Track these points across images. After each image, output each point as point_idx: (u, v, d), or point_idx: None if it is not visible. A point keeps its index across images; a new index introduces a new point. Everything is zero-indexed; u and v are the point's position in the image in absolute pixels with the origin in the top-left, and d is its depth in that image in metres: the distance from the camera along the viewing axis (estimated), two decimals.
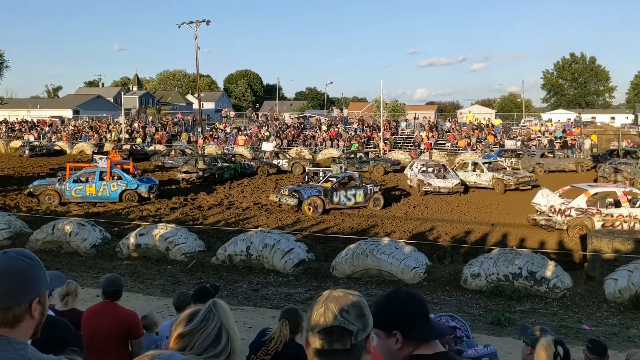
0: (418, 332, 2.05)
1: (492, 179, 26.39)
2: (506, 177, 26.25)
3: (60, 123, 57.44)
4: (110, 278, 5.02)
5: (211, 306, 1.99)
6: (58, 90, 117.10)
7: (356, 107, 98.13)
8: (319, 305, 1.83)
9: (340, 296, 1.86)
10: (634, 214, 16.61)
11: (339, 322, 1.79)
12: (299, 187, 21.51)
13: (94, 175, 22.73)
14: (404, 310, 2.06)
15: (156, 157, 38.86)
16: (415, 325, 2.04)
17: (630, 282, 10.34)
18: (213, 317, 1.94)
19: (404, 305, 2.08)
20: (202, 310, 1.97)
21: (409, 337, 2.03)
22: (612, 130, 53.18)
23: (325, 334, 1.79)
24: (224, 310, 1.99)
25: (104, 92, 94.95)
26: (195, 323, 1.93)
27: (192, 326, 1.92)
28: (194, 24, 50.31)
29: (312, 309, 1.85)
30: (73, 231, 14.39)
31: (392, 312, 2.06)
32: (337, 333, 1.79)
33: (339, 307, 1.81)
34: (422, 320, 2.08)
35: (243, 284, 11.70)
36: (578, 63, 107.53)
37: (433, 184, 24.87)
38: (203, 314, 1.95)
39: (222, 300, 2.13)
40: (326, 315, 1.80)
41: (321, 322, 1.79)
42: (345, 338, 1.79)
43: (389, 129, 48.29)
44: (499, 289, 10.83)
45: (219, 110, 76.25)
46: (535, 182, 26.70)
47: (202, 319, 1.94)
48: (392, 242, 12.52)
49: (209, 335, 1.89)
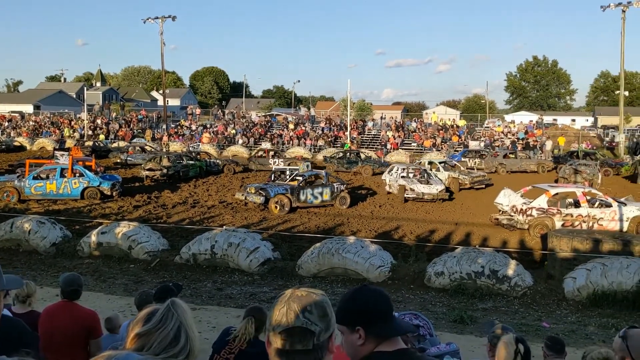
0: (380, 329, 2.04)
1: (448, 178, 26.83)
2: (461, 177, 26.89)
3: (20, 118, 56.03)
4: (69, 277, 4.90)
5: (169, 305, 1.92)
6: (18, 85, 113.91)
7: (324, 106, 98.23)
8: (281, 304, 1.80)
9: (303, 296, 1.82)
10: (593, 214, 17.04)
11: (301, 323, 1.75)
12: (265, 185, 21.43)
13: (55, 172, 22.22)
14: (368, 307, 2.05)
15: (115, 154, 38.14)
16: (378, 322, 2.04)
17: (589, 281, 10.61)
18: (171, 316, 1.87)
19: (368, 302, 2.07)
20: (161, 310, 1.91)
21: (371, 333, 2.03)
22: (572, 132, 54.48)
23: (287, 334, 1.75)
24: (183, 310, 1.92)
25: (66, 87, 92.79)
26: (153, 323, 1.86)
27: (149, 326, 1.85)
28: (160, 19, 49.68)
29: (273, 308, 1.81)
30: (32, 229, 14.04)
31: (357, 309, 2.05)
32: (300, 334, 1.76)
33: (302, 307, 1.78)
34: (385, 318, 2.07)
35: (207, 283, 11.59)
36: (540, 66, 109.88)
37: (416, 189, 23.12)
38: (161, 314, 1.88)
39: (184, 299, 2.08)
40: (288, 315, 1.76)
41: (283, 322, 1.76)
42: (308, 339, 1.77)
43: (356, 129, 48.53)
44: (461, 288, 10.99)
45: (185, 108, 75.41)
46: (489, 181, 27.46)
47: (160, 318, 1.87)
48: (357, 241, 12.56)
49: (167, 335, 1.83)
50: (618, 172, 32.54)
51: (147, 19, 50.08)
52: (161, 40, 50.17)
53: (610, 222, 16.97)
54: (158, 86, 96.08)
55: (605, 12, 40.77)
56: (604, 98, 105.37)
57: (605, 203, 17.43)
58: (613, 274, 10.51)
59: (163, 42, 50.31)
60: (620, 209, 17.06)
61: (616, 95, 56.24)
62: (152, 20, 49.95)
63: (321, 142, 45.42)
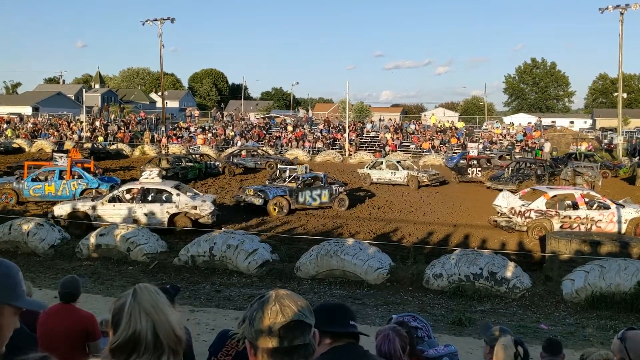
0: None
1: (407, 176, 28.26)
2: (420, 175, 28.30)
3: (18, 120, 55.95)
4: (67, 280, 4.91)
5: (131, 300, 1.70)
6: (17, 87, 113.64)
7: (322, 108, 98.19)
8: (271, 304, 1.80)
9: (289, 293, 1.87)
10: (591, 216, 17.05)
11: (299, 317, 1.79)
12: (264, 187, 21.41)
13: (54, 174, 22.18)
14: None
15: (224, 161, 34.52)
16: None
17: (587, 283, 10.62)
18: (137, 315, 1.67)
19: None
20: (125, 310, 1.70)
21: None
22: (571, 134, 54.52)
23: (285, 330, 1.76)
24: (150, 299, 1.70)
25: (64, 89, 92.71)
26: (121, 331, 1.66)
27: (119, 339, 1.66)
28: (159, 21, 49.64)
29: (262, 310, 1.80)
30: (31, 231, 14.04)
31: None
32: (299, 327, 1.79)
33: (294, 302, 1.82)
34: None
35: (206, 285, 11.58)
36: (539, 68, 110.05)
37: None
38: (127, 315, 1.68)
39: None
40: (284, 311, 1.78)
41: (279, 320, 1.76)
42: (306, 332, 1.82)
43: (354, 131, 48.55)
44: (460, 290, 10.99)
45: (183, 109, 75.41)
46: (442, 179, 29.26)
47: (127, 323, 1.67)
48: (356, 242, 12.57)
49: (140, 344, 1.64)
50: (616, 174, 32.56)
51: (146, 20, 50.07)
52: (160, 42, 50.24)
53: (609, 224, 16.97)
54: (157, 88, 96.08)
55: (603, 14, 40.89)
56: (603, 100, 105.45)
57: (603, 205, 17.43)
58: (611, 275, 10.53)
59: (162, 44, 50.38)
60: (618, 211, 17.07)
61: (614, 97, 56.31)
62: (151, 22, 49.91)
63: (319, 144, 45.44)
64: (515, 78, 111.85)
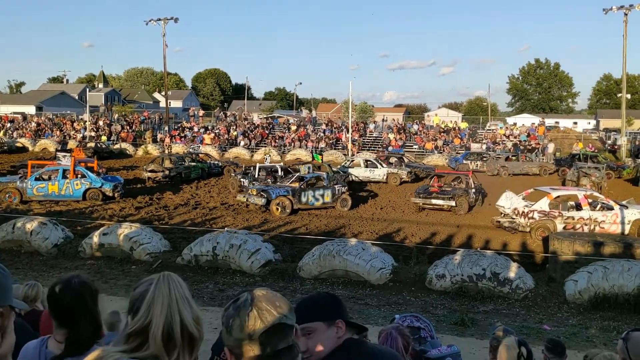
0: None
1: (387, 173, 28.93)
2: (400, 171, 29.04)
3: (22, 119, 56.05)
4: None
5: (154, 289, 1.64)
6: (21, 86, 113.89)
7: (325, 108, 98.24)
8: (247, 309, 1.67)
9: (266, 294, 1.74)
10: (594, 217, 17.02)
11: (279, 320, 1.68)
12: (267, 187, 21.44)
13: (57, 173, 22.25)
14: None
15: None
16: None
17: (590, 284, 10.60)
18: (157, 305, 1.61)
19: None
20: (146, 298, 1.64)
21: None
22: (574, 135, 54.44)
23: (267, 336, 1.65)
24: (172, 290, 1.66)
25: (68, 88, 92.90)
26: (138, 318, 1.61)
27: (135, 325, 1.60)
28: (162, 21, 49.71)
29: (239, 317, 1.68)
30: (34, 230, 14.07)
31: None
32: (280, 331, 1.68)
33: (272, 304, 1.70)
34: None
35: (209, 284, 11.60)
36: (543, 68, 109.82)
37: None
38: (147, 304, 1.62)
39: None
40: (262, 316, 1.66)
41: (258, 326, 1.65)
42: (288, 334, 1.72)
43: (357, 131, 48.49)
44: (463, 290, 10.98)
45: (187, 109, 75.45)
46: (423, 173, 30.23)
47: (146, 310, 1.61)
48: (359, 243, 12.57)
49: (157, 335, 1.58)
50: (620, 175, 32.49)
51: (150, 20, 50.14)
52: (164, 42, 50.26)
53: (612, 225, 16.94)
54: (160, 88, 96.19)
55: (607, 15, 40.79)
56: (606, 101, 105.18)
57: (606, 206, 17.40)
58: (614, 276, 10.51)
59: (165, 44, 50.40)
60: (621, 212, 17.04)
61: (618, 98, 56.11)
62: (154, 22, 49.97)
63: (322, 144, 45.42)
64: (519, 78, 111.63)
